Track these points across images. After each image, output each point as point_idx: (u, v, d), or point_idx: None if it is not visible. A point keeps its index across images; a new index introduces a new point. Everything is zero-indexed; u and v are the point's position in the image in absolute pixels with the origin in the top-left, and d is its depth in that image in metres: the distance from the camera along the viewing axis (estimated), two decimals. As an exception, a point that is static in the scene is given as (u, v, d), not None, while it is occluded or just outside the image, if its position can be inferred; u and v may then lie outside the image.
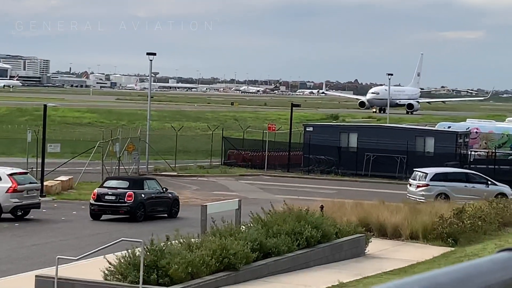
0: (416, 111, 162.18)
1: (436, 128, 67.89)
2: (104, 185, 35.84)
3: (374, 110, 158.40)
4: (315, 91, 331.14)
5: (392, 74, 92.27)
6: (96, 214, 34.65)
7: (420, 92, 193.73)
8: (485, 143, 64.21)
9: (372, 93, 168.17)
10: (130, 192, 34.46)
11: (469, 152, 58.06)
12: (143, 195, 34.80)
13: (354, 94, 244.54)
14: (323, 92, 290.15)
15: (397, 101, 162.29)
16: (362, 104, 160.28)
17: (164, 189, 36.24)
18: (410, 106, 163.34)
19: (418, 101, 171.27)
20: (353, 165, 56.60)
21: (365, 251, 26.63)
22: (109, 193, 34.55)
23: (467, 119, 75.06)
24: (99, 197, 34.57)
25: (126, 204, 34.21)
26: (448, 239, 28.59)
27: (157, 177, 53.42)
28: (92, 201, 34.74)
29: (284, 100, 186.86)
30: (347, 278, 21.63)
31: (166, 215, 35.53)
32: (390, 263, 24.89)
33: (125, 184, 35.52)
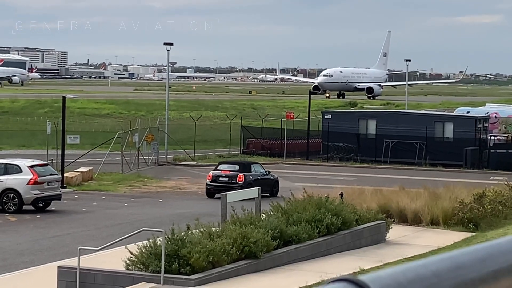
0: (378, 95, 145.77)
1: (455, 113, 67.70)
2: (217, 168, 40.71)
3: (327, 95, 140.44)
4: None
5: (410, 60, 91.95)
6: (211, 193, 39.03)
7: (388, 74, 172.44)
8: (505, 127, 63.94)
9: (324, 75, 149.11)
10: (240, 174, 39.32)
11: (489, 137, 57.83)
12: (251, 177, 39.36)
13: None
14: (275, 79, 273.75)
15: (356, 84, 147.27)
16: (316, 88, 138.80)
17: (267, 172, 41.04)
18: (369, 90, 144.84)
19: (380, 85, 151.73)
20: (372, 152, 56.51)
21: (386, 238, 26.63)
22: (222, 175, 39.48)
23: (486, 103, 74.76)
24: (214, 179, 39.43)
25: (238, 185, 38.19)
26: (469, 225, 28.53)
27: (176, 166, 53.82)
28: (208, 182, 39.67)
29: (302, 88, 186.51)
30: (368, 265, 21.63)
31: (268, 194, 37.32)
32: (411, 249, 24.87)
33: (235, 167, 40.31)
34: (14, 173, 34.27)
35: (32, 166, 34.61)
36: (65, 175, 41.73)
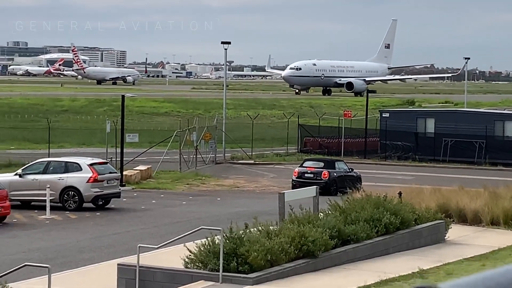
0: (360, 92, 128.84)
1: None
2: (303, 165, 41.92)
3: (297, 90, 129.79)
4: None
5: (469, 58, 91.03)
6: (297, 188, 38.59)
7: (390, 69, 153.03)
8: None
9: (291, 68, 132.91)
10: (325, 171, 40.58)
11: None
12: (335, 174, 40.73)
13: (430, 79, 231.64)
14: (265, 76, 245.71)
15: (337, 79, 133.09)
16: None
17: (350, 169, 42.07)
18: (349, 85, 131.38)
19: (365, 80, 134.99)
20: (431, 151, 56.05)
21: (445, 238, 26.37)
22: (308, 171, 40.74)
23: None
24: (300, 175, 40.63)
25: (323, 181, 39.55)
26: (530, 225, 28.12)
27: (234, 165, 53.97)
28: (294, 178, 40.81)
29: (391, 88, 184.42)
30: (428, 265, 21.46)
31: (351, 190, 37.04)
32: (471, 249, 24.60)
33: (320, 164, 41.61)
34: (74, 171, 34.70)
35: (92, 164, 35.00)
36: (124, 173, 42.11)
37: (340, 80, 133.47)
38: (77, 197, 34.26)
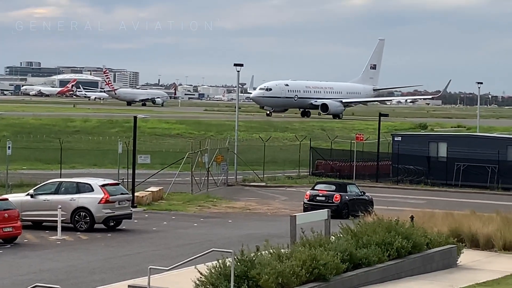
0: (336, 114, 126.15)
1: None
2: (315, 188, 42.16)
3: (268, 112, 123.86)
4: (403, 100, 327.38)
5: (481, 83, 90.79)
6: (308, 211, 38.54)
7: (376, 91, 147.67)
8: None
9: (261, 88, 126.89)
10: (337, 194, 40.84)
11: None
12: (347, 197, 40.98)
13: (442, 103, 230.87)
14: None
15: (313, 100, 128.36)
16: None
17: (362, 192, 42.30)
18: (324, 107, 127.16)
19: (342, 101, 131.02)
20: (443, 175, 55.94)
21: (457, 262, 26.24)
22: (319, 194, 41.09)
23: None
24: (312, 198, 41.05)
25: (334, 204, 39.77)
26: (543, 250, 27.95)
27: (245, 187, 53.94)
28: (305, 201, 41.19)
29: (372, 110, 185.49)
30: (439, 290, 21.33)
31: (363, 213, 36.95)
32: (483, 274, 24.47)
33: (332, 187, 41.84)
34: (86, 192, 34.73)
35: (103, 185, 35.02)
36: (135, 194, 42.13)
37: (316, 101, 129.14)
38: (88, 218, 34.27)
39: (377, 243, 23.20)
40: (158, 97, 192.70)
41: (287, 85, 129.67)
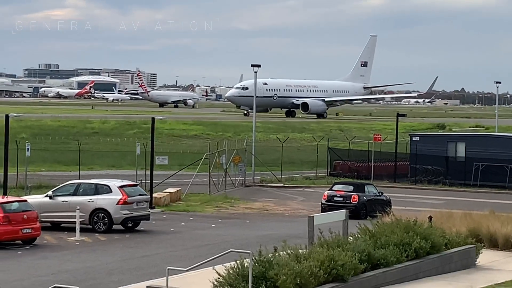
0: (318, 113, 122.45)
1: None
2: (332, 188, 42.06)
3: (245, 112, 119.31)
4: (420, 100, 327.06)
5: (500, 82, 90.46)
6: (326, 212, 38.55)
7: (367, 89, 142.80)
8: None
9: (237, 88, 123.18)
10: (355, 194, 40.70)
11: None
12: (364, 197, 40.90)
13: (460, 103, 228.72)
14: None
15: (295, 99, 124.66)
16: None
17: (380, 192, 42.14)
18: (304, 106, 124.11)
19: (324, 100, 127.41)
20: (461, 175, 55.76)
21: (476, 263, 26.16)
22: (337, 195, 41.04)
23: None
24: (329, 198, 40.94)
25: (352, 205, 39.72)
26: (562, 250, 27.80)
27: (263, 188, 53.94)
28: (323, 201, 41.00)
29: (389, 110, 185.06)
30: (458, 290, 21.26)
31: (381, 214, 36.92)
32: (502, 274, 24.37)
33: (350, 187, 41.73)
34: (104, 193, 34.83)
35: (121, 187, 35.11)
36: (153, 195, 42.21)
37: (297, 100, 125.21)
38: (106, 219, 34.37)
39: (395, 243, 23.17)
40: (190, 99, 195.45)
41: (265, 83, 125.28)
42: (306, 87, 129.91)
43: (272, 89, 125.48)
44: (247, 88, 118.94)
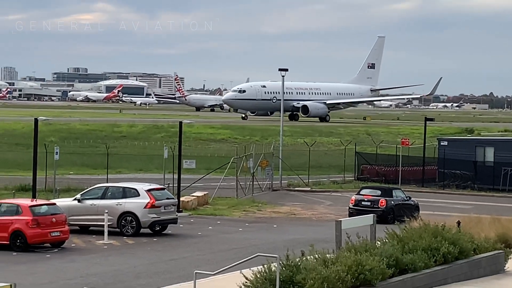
0: (319, 116, 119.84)
1: None
2: (360, 193, 42.03)
3: (243, 115, 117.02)
4: (448, 104, 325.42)
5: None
6: (354, 216, 38.47)
7: (375, 91, 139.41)
8: None
9: (234, 90, 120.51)
10: (382, 199, 40.73)
11: None
12: (392, 202, 40.87)
13: (489, 107, 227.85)
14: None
15: (295, 103, 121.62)
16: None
17: (408, 197, 42.09)
18: (304, 109, 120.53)
19: (326, 103, 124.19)
20: (490, 180, 55.44)
21: (505, 268, 25.97)
22: (365, 199, 41.04)
23: None
24: (357, 203, 40.90)
25: (380, 209, 39.74)
26: None
27: (290, 192, 53.91)
28: (350, 205, 41.03)
29: (417, 114, 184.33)
30: (486, 296, 21.13)
31: (409, 219, 36.78)
32: (531, 280, 24.18)
33: (377, 192, 41.66)
34: (132, 196, 34.98)
35: (149, 190, 35.24)
36: (181, 199, 42.32)
37: (298, 103, 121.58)
38: (134, 223, 34.50)
39: (423, 248, 23.04)
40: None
41: (264, 86, 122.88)
42: (307, 90, 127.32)
43: (271, 92, 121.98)
44: (244, 91, 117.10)
